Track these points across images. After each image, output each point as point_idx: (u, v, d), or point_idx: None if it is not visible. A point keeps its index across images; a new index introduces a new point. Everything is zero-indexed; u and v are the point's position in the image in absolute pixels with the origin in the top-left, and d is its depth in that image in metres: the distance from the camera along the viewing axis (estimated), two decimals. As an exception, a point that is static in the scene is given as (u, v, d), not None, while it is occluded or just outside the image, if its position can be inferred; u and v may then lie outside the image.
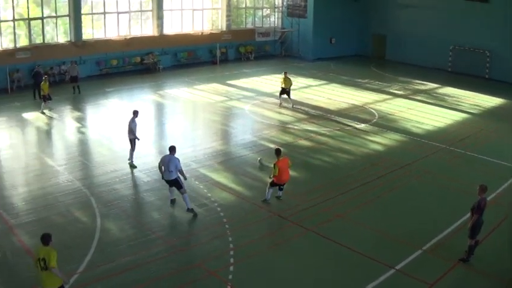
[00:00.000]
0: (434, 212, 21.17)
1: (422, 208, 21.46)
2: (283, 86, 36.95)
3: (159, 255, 17.42)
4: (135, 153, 25.40)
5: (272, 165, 21.20)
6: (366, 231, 19.44)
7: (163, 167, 20.15)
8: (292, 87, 36.79)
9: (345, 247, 18.07)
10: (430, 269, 16.84)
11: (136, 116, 25.16)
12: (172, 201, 21.25)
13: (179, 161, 20.30)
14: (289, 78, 36.96)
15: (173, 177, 20.15)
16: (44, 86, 34.58)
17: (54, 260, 13.00)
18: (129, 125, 25.06)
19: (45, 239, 13.33)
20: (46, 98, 34.87)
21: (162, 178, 20.62)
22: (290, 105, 37.18)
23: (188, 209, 20.38)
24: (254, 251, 17.91)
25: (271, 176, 21.11)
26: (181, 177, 20.42)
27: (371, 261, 17.18)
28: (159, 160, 20.63)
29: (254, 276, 16.51)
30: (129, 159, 25.49)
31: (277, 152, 21.33)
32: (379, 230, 19.40)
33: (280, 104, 37.52)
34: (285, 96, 37.16)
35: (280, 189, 21.67)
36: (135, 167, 25.10)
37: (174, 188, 20.69)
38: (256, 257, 17.59)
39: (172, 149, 20.44)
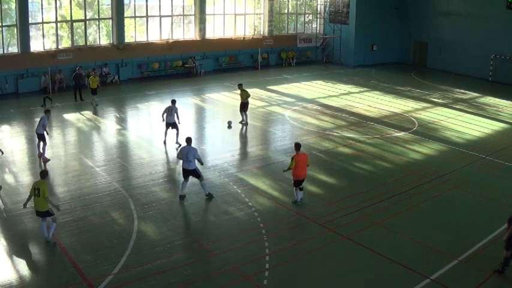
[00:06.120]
0: (471, 223, 20.87)
1: (459, 218, 21.10)
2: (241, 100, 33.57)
3: (194, 258, 17.45)
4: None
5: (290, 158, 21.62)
6: (402, 240, 19.15)
7: (182, 158, 21.67)
8: (332, 94, 36.37)
9: (381, 255, 17.84)
10: (465, 280, 16.56)
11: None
12: (182, 197, 22.00)
13: (197, 150, 21.94)
14: (245, 91, 33.44)
15: (192, 167, 21.64)
16: (92, 80, 37.65)
17: (47, 191, 17.64)
18: (177, 111, 28.82)
19: (43, 175, 18.26)
20: (93, 93, 37.58)
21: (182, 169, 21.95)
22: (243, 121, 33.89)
23: (207, 194, 22.02)
24: (290, 257, 17.80)
25: (287, 168, 21.36)
26: (199, 164, 22.23)
27: (406, 270, 16.93)
28: (178, 152, 22.66)
29: (289, 282, 16.40)
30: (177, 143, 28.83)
31: (297, 146, 21.44)
32: (415, 239, 19.09)
33: (242, 121, 33.86)
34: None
35: (300, 189, 21.68)
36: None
37: (186, 183, 21.97)
38: (291, 263, 17.47)
39: (189, 140, 21.90)
